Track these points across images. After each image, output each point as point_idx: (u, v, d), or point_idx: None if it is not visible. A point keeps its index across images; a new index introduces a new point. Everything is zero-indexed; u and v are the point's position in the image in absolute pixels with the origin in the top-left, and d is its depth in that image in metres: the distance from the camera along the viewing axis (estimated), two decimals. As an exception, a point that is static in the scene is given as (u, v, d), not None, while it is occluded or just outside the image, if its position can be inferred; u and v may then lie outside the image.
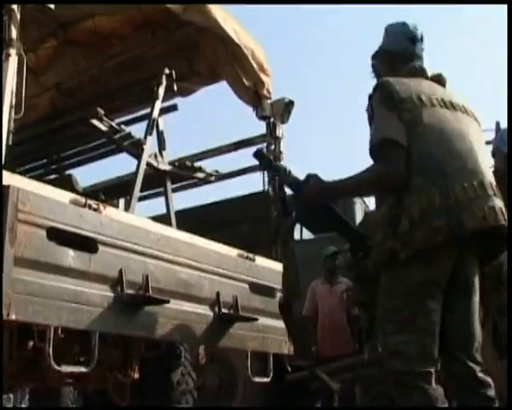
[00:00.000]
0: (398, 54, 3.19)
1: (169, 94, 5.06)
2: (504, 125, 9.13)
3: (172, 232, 4.15)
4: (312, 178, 3.02)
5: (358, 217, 8.14)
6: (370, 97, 2.99)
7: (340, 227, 3.26)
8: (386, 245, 2.75)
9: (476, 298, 2.85)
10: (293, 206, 3.17)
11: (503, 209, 2.79)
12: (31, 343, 3.59)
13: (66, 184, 4.54)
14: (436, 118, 2.88)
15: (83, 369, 3.37)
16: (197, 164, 5.60)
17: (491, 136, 9.53)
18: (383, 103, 2.89)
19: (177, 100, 5.63)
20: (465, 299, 2.82)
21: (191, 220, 5.26)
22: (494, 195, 2.79)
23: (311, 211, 3.16)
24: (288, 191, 3.31)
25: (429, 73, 3.14)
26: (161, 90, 4.80)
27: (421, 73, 3.11)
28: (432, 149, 2.78)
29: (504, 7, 4.30)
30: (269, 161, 3.66)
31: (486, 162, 2.93)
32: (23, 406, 11.65)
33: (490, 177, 2.84)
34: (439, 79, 3.14)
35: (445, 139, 2.83)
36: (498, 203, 2.78)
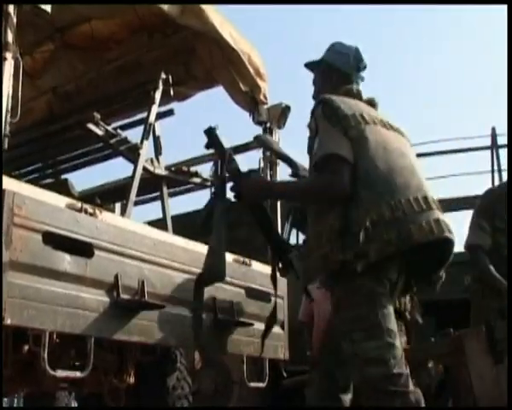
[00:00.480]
0: (343, 73, 3.29)
1: (165, 98, 5.05)
2: (500, 130, 9.15)
3: (168, 237, 4.15)
4: (254, 174, 3.04)
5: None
6: (313, 113, 3.04)
7: (266, 233, 3.25)
8: (335, 257, 2.77)
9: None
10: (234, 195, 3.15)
11: (447, 222, 2.89)
12: (26, 348, 3.58)
13: (62, 188, 4.54)
14: (379, 135, 2.97)
15: (78, 374, 3.36)
16: (193, 169, 5.60)
17: (488, 142, 9.58)
18: (328, 120, 2.94)
19: (174, 104, 5.64)
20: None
21: (187, 225, 5.25)
22: (437, 209, 2.90)
23: (249, 207, 3.17)
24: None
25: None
26: (158, 95, 4.80)
27: (357, 95, 3.21)
28: (378, 165, 2.85)
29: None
30: (217, 141, 3.57)
31: (423, 177, 3.02)
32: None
33: (431, 192, 2.96)
34: (372, 103, 3.24)
35: (389, 156, 2.92)
36: (442, 217, 2.89)
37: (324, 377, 3.32)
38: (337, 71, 3.30)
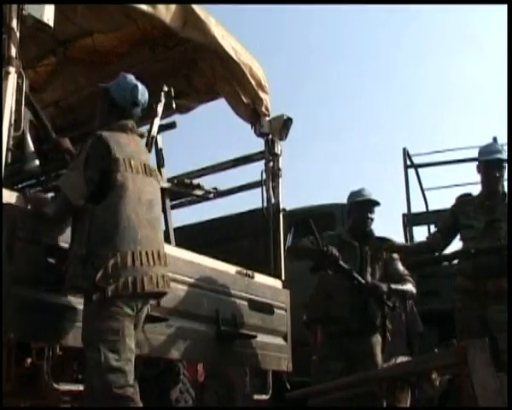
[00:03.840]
0: (118, 108, 3.51)
1: (168, 111, 5.06)
2: (502, 140, 9.15)
3: (171, 250, 4.15)
4: None
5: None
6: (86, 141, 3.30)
7: None
8: (76, 282, 3.11)
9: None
10: None
11: (168, 278, 3.39)
12: (29, 361, 3.58)
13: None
14: (138, 185, 3.30)
15: (81, 387, 3.36)
16: (196, 181, 5.60)
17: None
18: (93, 156, 3.22)
19: (176, 117, 5.65)
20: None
21: (190, 237, 5.26)
22: (164, 264, 3.35)
23: None
24: None
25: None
26: (160, 108, 4.81)
27: (130, 130, 3.46)
28: (131, 215, 3.22)
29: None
30: None
31: (161, 231, 3.55)
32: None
33: (163, 247, 3.42)
34: (142, 136, 3.62)
35: (141, 208, 3.29)
36: (166, 272, 3.36)
37: None
38: (115, 103, 3.50)
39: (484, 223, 4.60)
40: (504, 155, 4.68)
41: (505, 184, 4.86)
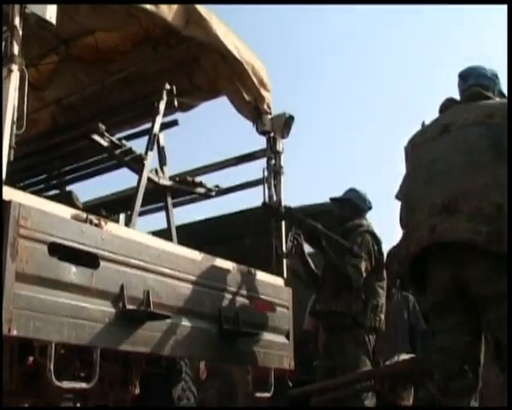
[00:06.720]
0: None
1: (170, 109, 5.06)
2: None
3: (173, 247, 4.15)
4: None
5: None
6: None
7: None
8: None
9: None
10: None
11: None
12: (31, 359, 3.58)
13: (67, 200, 4.54)
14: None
15: (84, 385, 3.36)
16: (198, 179, 5.60)
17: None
18: None
19: (178, 115, 5.65)
20: None
21: (192, 235, 5.26)
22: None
23: None
24: None
25: None
26: (162, 106, 4.80)
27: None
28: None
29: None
30: None
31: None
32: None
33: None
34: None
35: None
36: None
37: None
38: None
39: None
40: None
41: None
